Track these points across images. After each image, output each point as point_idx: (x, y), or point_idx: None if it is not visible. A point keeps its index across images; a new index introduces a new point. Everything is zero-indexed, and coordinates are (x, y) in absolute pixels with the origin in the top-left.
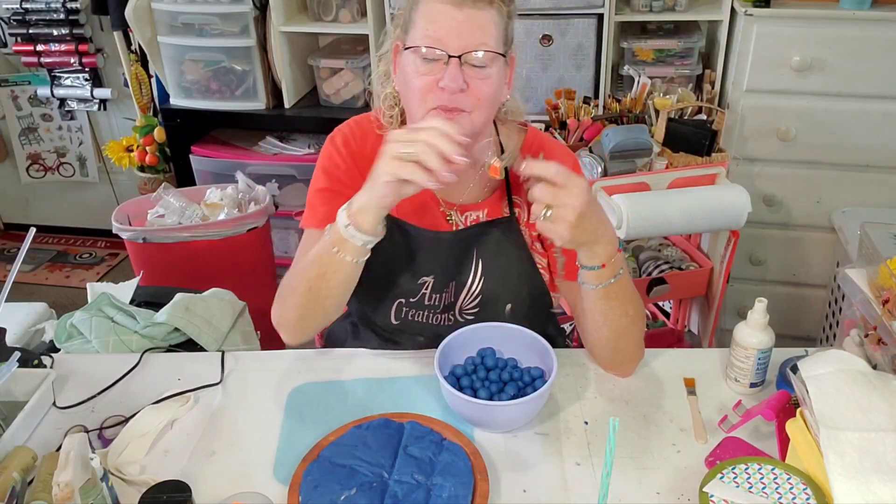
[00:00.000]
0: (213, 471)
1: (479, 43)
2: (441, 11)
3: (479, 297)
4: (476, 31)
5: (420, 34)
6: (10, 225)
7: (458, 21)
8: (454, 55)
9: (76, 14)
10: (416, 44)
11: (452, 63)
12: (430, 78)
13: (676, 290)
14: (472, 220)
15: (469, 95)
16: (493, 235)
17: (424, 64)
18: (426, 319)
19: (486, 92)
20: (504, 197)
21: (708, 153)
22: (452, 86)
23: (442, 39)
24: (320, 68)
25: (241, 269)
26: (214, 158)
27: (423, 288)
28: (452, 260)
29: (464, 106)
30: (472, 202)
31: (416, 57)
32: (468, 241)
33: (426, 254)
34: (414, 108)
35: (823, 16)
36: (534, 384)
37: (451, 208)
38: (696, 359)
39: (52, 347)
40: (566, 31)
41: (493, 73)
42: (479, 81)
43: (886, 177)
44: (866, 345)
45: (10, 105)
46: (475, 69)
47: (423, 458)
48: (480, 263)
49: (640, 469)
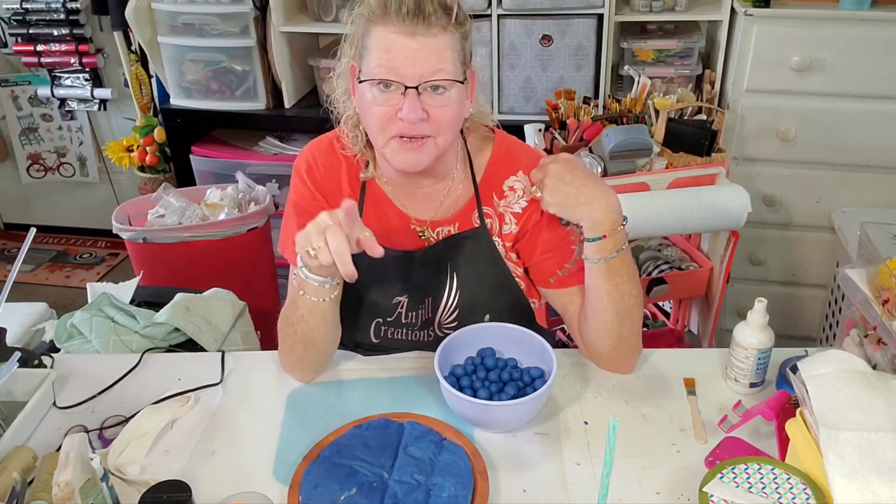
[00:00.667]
0: (213, 471)
1: (436, 70)
2: (394, 41)
3: (456, 310)
4: (431, 58)
5: (374, 64)
6: (10, 225)
7: (412, 50)
8: (410, 86)
9: (76, 14)
10: (371, 75)
11: (409, 94)
12: (387, 108)
13: (676, 290)
14: (444, 235)
15: (430, 122)
16: (465, 247)
17: (381, 94)
18: (406, 337)
19: (447, 116)
20: (474, 209)
21: (708, 153)
22: (412, 117)
23: (397, 70)
24: (320, 68)
25: (241, 269)
26: (214, 158)
27: (398, 307)
28: (425, 277)
29: (425, 132)
30: (442, 217)
31: (373, 87)
32: (440, 256)
33: (397, 274)
34: (374, 137)
35: (823, 16)
36: (534, 384)
37: (422, 225)
38: (696, 359)
39: (52, 347)
40: (566, 31)
41: (452, 97)
42: (439, 109)
43: (886, 177)
44: (866, 345)
45: (11, 105)
46: (434, 96)
47: (423, 458)
48: (455, 277)
49: (640, 469)
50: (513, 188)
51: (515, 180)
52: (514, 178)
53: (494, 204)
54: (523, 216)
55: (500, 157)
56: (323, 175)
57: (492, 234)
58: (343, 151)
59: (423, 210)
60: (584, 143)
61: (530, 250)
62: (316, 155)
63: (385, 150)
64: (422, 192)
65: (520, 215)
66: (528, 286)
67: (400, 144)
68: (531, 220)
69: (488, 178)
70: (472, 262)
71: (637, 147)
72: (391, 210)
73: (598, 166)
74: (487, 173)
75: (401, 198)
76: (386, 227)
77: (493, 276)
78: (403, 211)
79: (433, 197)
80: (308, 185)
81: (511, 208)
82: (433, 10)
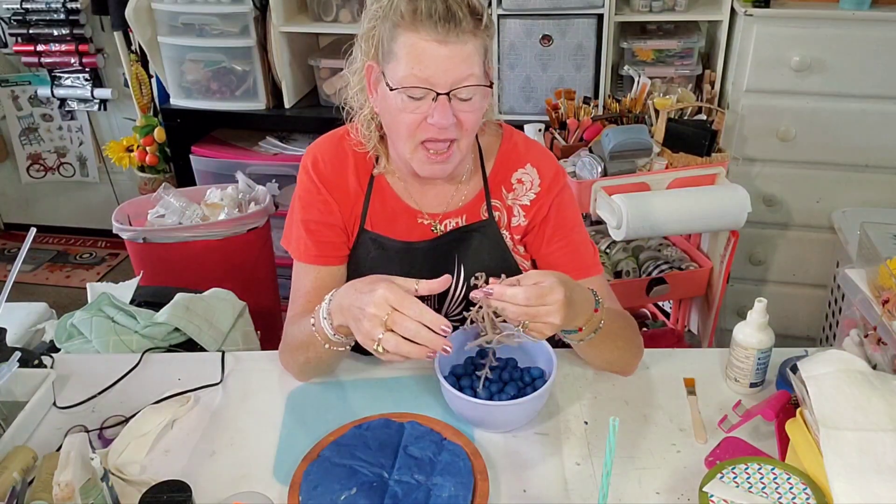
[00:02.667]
0: (213, 471)
1: (466, 76)
2: (425, 49)
3: (463, 301)
4: (461, 65)
5: (404, 72)
6: (10, 225)
7: (444, 57)
8: (442, 93)
9: (76, 14)
10: (401, 84)
11: (441, 101)
12: (417, 115)
13: (676, 290)
14: (451, 227)
15: (458, 127)
16: (473, 239)
17: (412, 102)
18: None
19: (473, 121)
20: (482, 201)
21: (708, 153)
22: (444, 122)
23: (429, 78)
24: (320, 68)
25: (241, 269)
26: (214, 158)
27: None
28: (431, 267)
29: (453, 136)
30: (451, 210)
31: (402, 94)
32: (448, 247)
33: (404, 266)
34: (402, 143)
35: (823, 16)
36: (534, 384)
37: (431, 219)
38: (696, 359)
39: (52, 347)
40: (566, 31)
41: (478, 101)
42: (467, 114)
43: (886, 177)
44: (866, 345)
45: (11, 105)
46: (462, 102)
47: (423, 458)
48: (462, 268)
49: (640, 469)
50: (521, 181)
51: (524, 173)
52: (522, 171)
53: (503, 197)
54: (532, 209)
55: (509, 151)
56: (329, 170)
57: (500, 228)
58: (354, 147)
59: (433, 205)
60: (584, 143)
61: (538, 242)
62: (324, 150)
63: (412, 157)
64: (433, 189)
65: (528, 207)
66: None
67: (427, 157)
68: (540, 213)
69: (497, 172)
70: (479, 254)
71: (637, 147)
72: (401, 205)
73: (598, 166)
74: (496, 167)
75: (413, 194)
76: (394, 220)
77: (501, 269)
78: (415, 206)
79: (444, 192)
80: (313, 179)
81: (520, 200)
82: (463, 15)
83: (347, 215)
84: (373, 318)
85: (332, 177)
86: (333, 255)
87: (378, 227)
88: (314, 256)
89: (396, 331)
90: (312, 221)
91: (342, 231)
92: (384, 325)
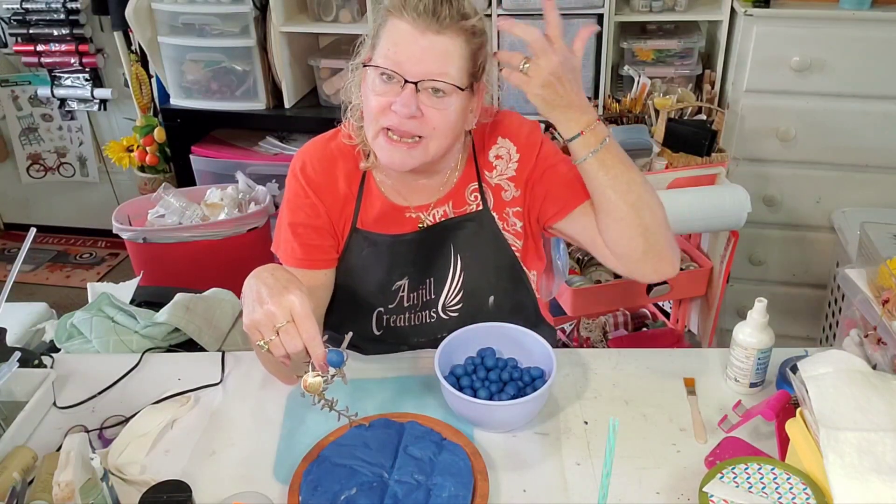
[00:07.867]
0: (213, 471)
1: (439, 72)
2: (404, 34)
3: (461, 292)
4: (437, 60)
5: (382, 53)
6: (10, 225)
7: (420, 46)
8: (411, 81)
9: (76, 14)
10: (376, 63)
11: (407, 88)
12: (385, 99)
13: (676, 290)
14: (440, 216)
15: (423, 123)
16: (468, 230)
17: (382, 84)
18: (408, 322)
19: (441, 121)
20: (465, 185)
21: (708, 153)
22: (403, 111)
23: (401, 63)
24: (320, 68)
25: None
26: (214, 158)
27: (399, 291)
28: (424, 257)
29: (416, 132)
30: (435, 199)
31: (376, 75)
32: (441, 236)
33: (395, 258)
34: (368, 125)
35: (823, 16)
36: (534, 384)
37: (418, 211)
38: (696, 359)
39: (52, 347)
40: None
41: (451, 103)
42: (434, 110)
43: (886, 177)
44: (866, 345)
45: (11, 105)
46: (432, 97)
47: (423, 458)
48: (459, 259)
49: (640, 469)
50: (499, 156)
51: (499, 148)
52: (496, 147)
53: (487, 179)
54: (520, 177)
55: (479, 133)
56: (317, 173)
57: (493, 210)
58: (347, 141)
59: (420, 198)
60: None
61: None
62: (312, 153)
63: (374, 141)
64: (419, 183)
65: (516, 178)
66: (524, 253)
67: (386, 141)
68: (532, 176)
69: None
70: (476, 245)
71: (637, 147)
72: (387, 201)
73: None
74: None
75: (400, 188)
76: (383, 217)
77: (498, 259)
78: (402, 202)
79: (431, 187)
80: (301, 183)
81: (505, 174)
82: (448, 14)
83: (337, 217)
84: (270, 315)
85: (320, 180)
86: (320, 259)
87: (369, 224)
88: (300, 260)
89: (282, 340)
90: (300, 225)
91: (330, 234)
92: (275, 330)
